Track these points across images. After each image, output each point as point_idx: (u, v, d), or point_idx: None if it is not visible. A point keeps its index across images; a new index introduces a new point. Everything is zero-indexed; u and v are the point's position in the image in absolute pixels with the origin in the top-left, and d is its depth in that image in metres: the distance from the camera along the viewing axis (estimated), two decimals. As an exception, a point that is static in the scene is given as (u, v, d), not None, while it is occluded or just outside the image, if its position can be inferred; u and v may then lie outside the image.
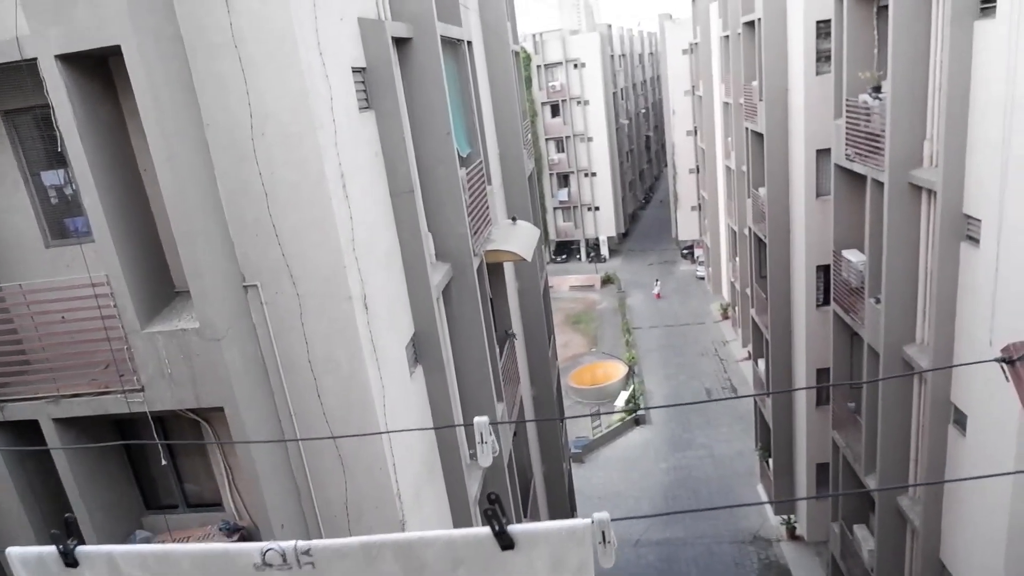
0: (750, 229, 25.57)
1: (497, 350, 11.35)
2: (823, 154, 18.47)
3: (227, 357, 6.43)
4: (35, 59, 5.73)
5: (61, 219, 7.14)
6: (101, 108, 6.25)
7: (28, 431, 7.12)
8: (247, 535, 7.68)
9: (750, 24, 22.62)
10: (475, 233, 10.19)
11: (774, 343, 22.60)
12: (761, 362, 25.47)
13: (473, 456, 10.48)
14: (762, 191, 22.39)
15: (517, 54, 17.99)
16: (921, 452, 13.88)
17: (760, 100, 21.33)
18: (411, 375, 8.50)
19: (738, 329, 39.40)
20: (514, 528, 2.82)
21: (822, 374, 20.50)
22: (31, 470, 7.33)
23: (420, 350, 8.84)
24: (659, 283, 51.23)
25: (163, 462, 7.21)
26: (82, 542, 3.05)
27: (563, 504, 19.61)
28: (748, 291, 28.10)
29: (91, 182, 5.98)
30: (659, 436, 32.92)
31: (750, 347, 29.26)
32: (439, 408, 9.17)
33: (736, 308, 39.32)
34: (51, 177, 6.98)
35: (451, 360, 9.71)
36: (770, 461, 24.24)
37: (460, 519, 9.49)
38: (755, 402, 27.38)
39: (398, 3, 8.78)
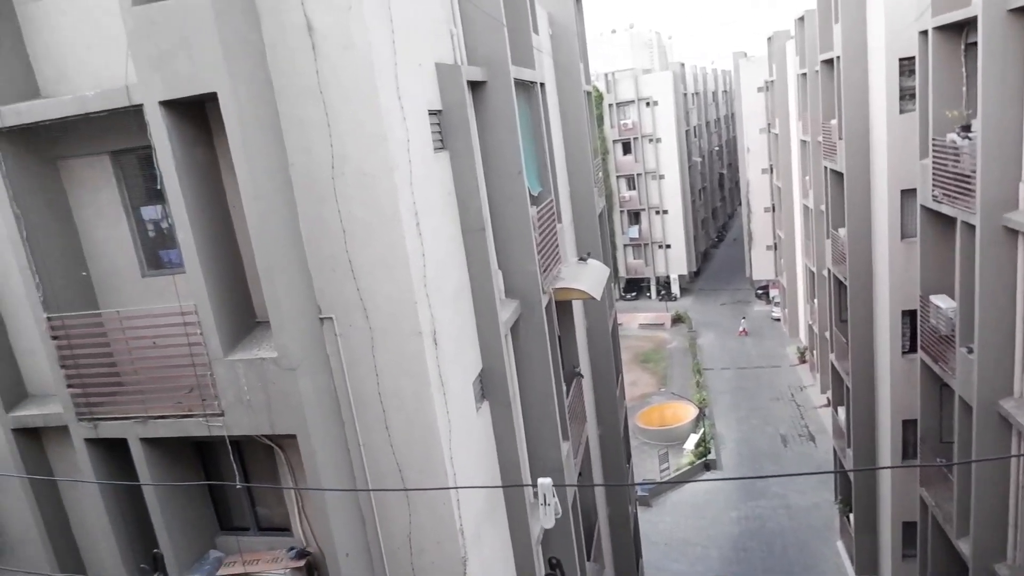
0: (829, 271, 24.67)
1: (564, 388, 11.29)
2: (908, 194, 17.75)
3: (301, 386, 6.66)
4: (141, 105, 6.22)
5: (157, 251, 7.64)
6: (197, 149, 6.70)
7: (118, 448, 7.54)
8: (314, 561, 7.82)
9: (829, 62, 22.16)
10: (544, 271, 10.26)
11: (855, 391, 21.55)
12: (841, 410, 24.28)
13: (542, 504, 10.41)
14: (842, 232, 21.63)
15: (589, 94, 18.21)
16: (1020, 515, 12.84)
17: (840, 138, 20.76)
18: (477, 411, 8.55)
19: (816, 374, 37.79)
20: None
21: (908, 426, 19.34)
22: (120, 486, 7.72)
23: (487, 386, 8.89)
24: (745, 320, 49.93)
25: (238, 485, 7.47)
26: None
27: (628, 548, 19.07)
28: (827, 335, 26.99)
29: (185, 217, 6.40)
30: (731, 483, 31.70)
31: (829, 393, 27.98)
32: (504, 445, 9.16)
33: (814, 352, 37.78)
34: (150, 212, 7.50)
35: (517, 397, 9.72)
36: (851, 516, 22.91)
37: (522, 560, 9.38)
38: (835, 451, 26.04)
39: (474, 48, 9.09)
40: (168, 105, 6.22)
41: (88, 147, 7.24)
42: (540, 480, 3.45)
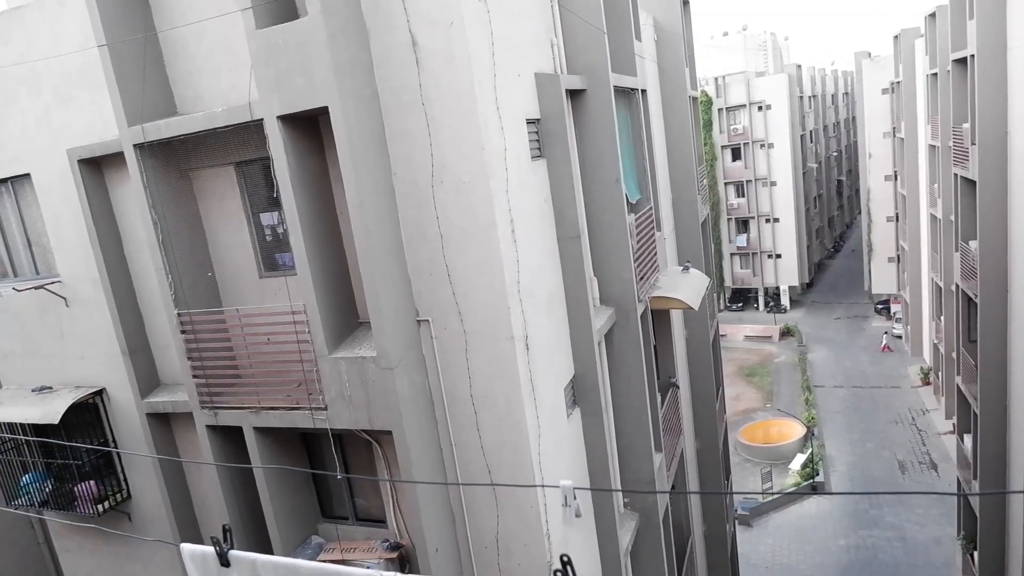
0: (958, 286, 22.82)
1: (658, 399, 11.12)
2: (1051, 204, 16.17)
3: (398, 385, 6.98)
4: (261, 120, 6.76)
5: (273, 254, 8.24)
6: (309, 160, 7.19)
7: (233, 435, 8.18)
8: (405, 554, 8.14)
9: (961, 61, 20.57)
10: (641, 279, 10.17)
11: (984, 418, 19.80)
12: (967, 438, 22.38)
13: (627, 505, 10.30)
14: (974, 244, 19.98)
15: (695, 99, 17.84)
16: None
17: (973, 144, 19.21)
18: (568, 417, 8.61)
19: (941, 397, 35.02)
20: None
21: (1046, 458, 17.58)
22: (235, 470, 8.37)
23: (579, 393, 8.93)
24: (888, 335, 46.66)
25: (339, 476, 7.91)
26: (232, 547, 3.66)
27: (724, 569, 18.44)
28: (954, 355, 24.95)
29: (298, 223, 6.88)
30: (840, 508, 29.87)
31: (955, 419, 25.83)
32: (595, 453, 9.15)
33: (939, 373, 35.01)
34: (267, 218, 8.11)
35: (609, 406, 9.68)
36: (975, 555, 21.04)
37: (609, 569, 9.32)
38: (958, 482, 24.01)
39: (574, 56, 9.17)
40: (285, 120, 6.71)
41: (216, 159, 7.93)
42: (562, 482, 3.74)
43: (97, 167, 8.49)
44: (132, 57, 7.38)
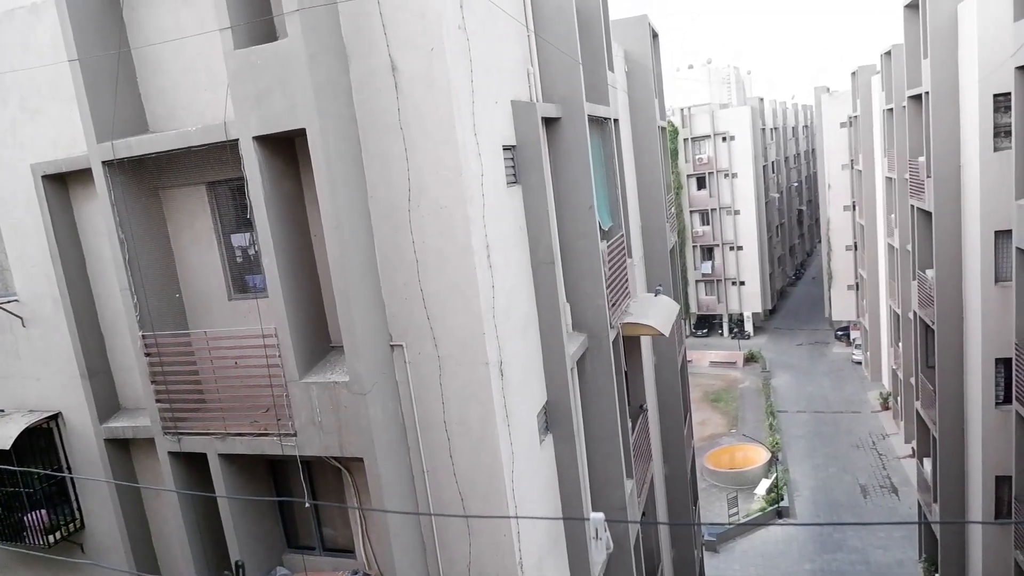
0: (915, 313, 23.48)
1: (629, 424, 11.13)
2: (1003, 236, 16.83)
3: (371, 411, 6.86)
4: (236, 140, 6.67)
5: (243, 276, 8.08)
6: (284, 181, 7.11)
7: (196, 461, 7.93)
8: (374, 586, 7.94)
9: (916, 97, 21.40)
10: (613, 305, 10.23)
11: (943, 442, 20.28)
12: (927, 462, 22.88)
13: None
14: (930, 273, 20.62)
15: (663, 129, 18.19)
16: None
17: (928, 176, 19.91)
18: (541, 443, 8.55)
19: (900, 422, 35.78)
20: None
21: (1002, 482, 18.03)
22: (198, 497, 8.09)
23: (551, 419, 8.89)
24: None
25: (307, 504, 7.71)
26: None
27: (692, 596, 18.39)
28: (913, 381, 25.58)
29: (271, 245, 6.77)
30: (805, 532, 30.15)
31: (914, 443, 26.40)
32: (567, 479, 9.10)
33: (898, 399, 35.82)
34: (239, 239, 7.97)
35: (581, 431, 9.65)
36: (937, 577, 21.41)
37: (581, 597, 9.22)
38: (919, 505, 24.47)
39: (550, 85, 9.29)
40: (261, 140, 6.64)
41: (187, 178, 7.79)
42: (592, 514, 3.44)
43: (62, 183, 8.27)
44: (104, 72, 7.24)
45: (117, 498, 8.74)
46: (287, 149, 7.12)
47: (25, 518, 9.14)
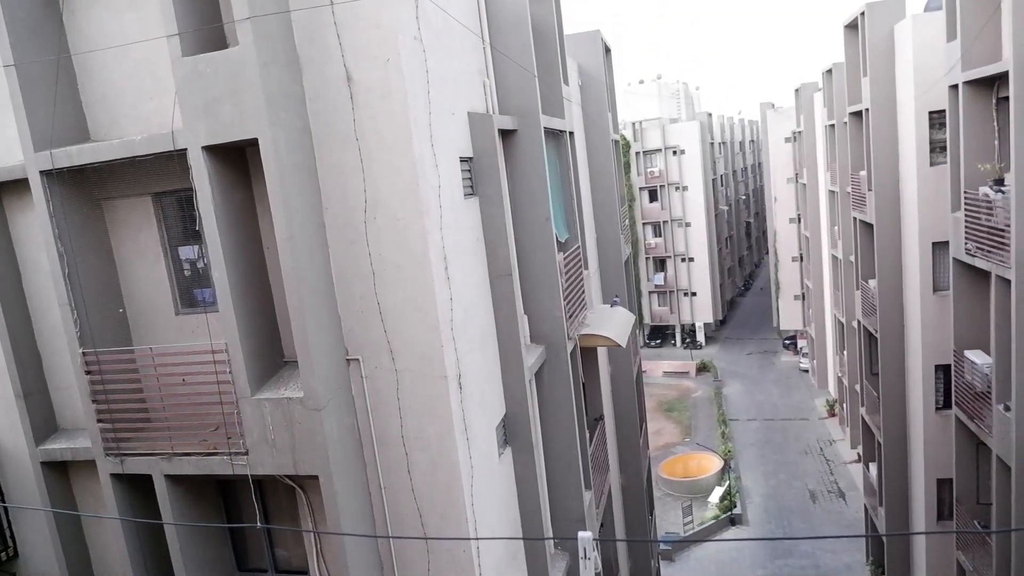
0: (859, 322, 24.27)
1: (587, 436, 11.15)
2: (940, 247, 17.54)
3: (326, 427, 6.68)
4: (184, 149, 6.46)
5: (191, 290, 7.81)
6: (235, 192, 6.91)
7: (141, 483, 7.59)
8: (330, 608, 7.71)
9: (857, 114, 22.24)
10: (570, 317, 10.26)
11: (887, 447, 20.95)
12: (873, 466, 23.58)
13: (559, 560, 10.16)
14: (872, 283, 21.35)
15: (616, 142, 18.45)
16: (1065, 584, 12.25)
17: (869, 190, 20.68)
18: (500, 456, 8.48)
19: (846, 428, 36.83)
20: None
21: (943, 485, 18.70)
22: (142, 522, 7.75)
23: (510, 432, 8.83)
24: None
25: (259, 525, 7.45)
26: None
27: (650, 605, 18.47)
28: (858, 388, 26.39)
29: (221, 258, 6.55)
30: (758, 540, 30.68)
31: (860, 448, 27.21)
32: (526, 492, 9.04)
33: (844, 405, 36.90)
34: (186, 252, 7.70)
35: (540, 444, 9.62)
36: (883, 578, 22.02)
37: (541, 612, 9.15)
38: (866, 509, 25.18)
39: (506, 97, 9.30)
40: (210, 150, 6.44)
41: (132, 189, 7.50)
42: (580, 534, 3.32)
43: (-5, 194, 7.88)
44: (42, 77, 6.94)
45: (54, 524, 8.30)
46: (238, 159, 6.93)
47: (-48, 548, 8.60)
